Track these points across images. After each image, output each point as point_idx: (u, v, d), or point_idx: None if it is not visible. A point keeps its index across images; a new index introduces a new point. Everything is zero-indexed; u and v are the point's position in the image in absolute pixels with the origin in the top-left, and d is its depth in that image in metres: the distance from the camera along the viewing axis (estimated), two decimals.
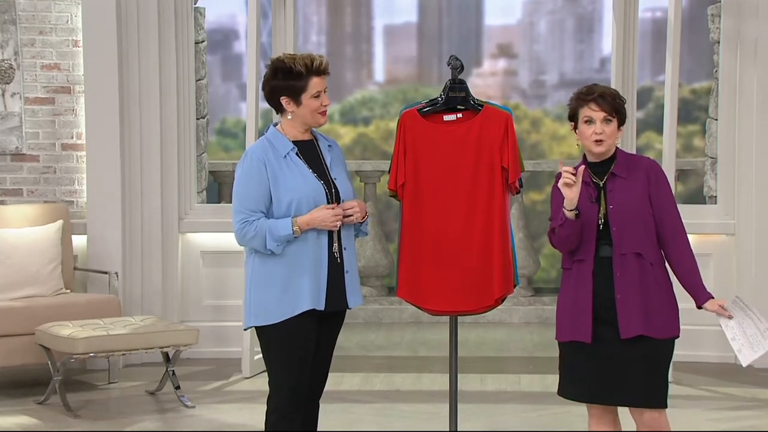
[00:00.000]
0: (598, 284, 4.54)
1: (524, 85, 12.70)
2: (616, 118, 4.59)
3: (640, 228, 4.54)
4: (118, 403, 7.13)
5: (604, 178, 4.60)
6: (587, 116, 4.59)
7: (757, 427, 6.45)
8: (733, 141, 8.03)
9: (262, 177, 4.65)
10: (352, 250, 4.80)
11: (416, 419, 6.65)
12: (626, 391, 4.54)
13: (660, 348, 4.56)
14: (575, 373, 4.60)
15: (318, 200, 4.68)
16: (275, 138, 4.74)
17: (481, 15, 12.65)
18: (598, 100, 4.58)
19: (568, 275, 4.63)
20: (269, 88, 4.72)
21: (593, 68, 12.63)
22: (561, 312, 4.65)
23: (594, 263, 4.54)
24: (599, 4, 12.51)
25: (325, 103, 4.72)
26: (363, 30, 12.77)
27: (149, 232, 8.11)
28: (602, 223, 4.55)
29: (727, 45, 8.01)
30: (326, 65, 4.71)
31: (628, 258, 4.52)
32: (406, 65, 12.84)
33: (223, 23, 12.08)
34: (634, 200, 4.55)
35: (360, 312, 9.63)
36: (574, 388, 4.62)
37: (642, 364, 4.52)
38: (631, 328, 4.50)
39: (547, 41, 12.68)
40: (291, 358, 4.68)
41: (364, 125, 12.67)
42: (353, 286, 4.79)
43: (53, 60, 8.08)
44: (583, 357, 4.56)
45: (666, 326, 4.55)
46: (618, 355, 4.52)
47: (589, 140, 4.59)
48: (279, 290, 4.66)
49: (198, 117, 8.55)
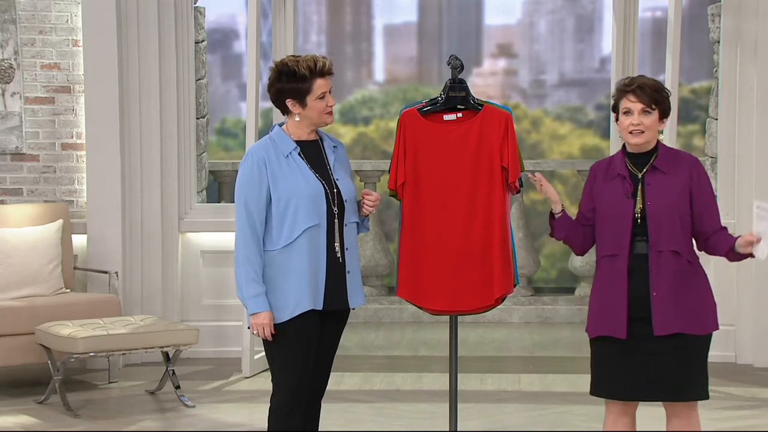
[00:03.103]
0: (632, 280, 4.52)
1: (524, 84, 12.70)
2: (656, 110, 4.56)
3: (678, 225, 4.52)
4: (118, 402, 7.13)
5: (642, 170, 4.58)
6: (626, 107, 4.57)
7: (757, 427, 6.45)
8: (733, 141, 8.03)
9: (262, 176, 4.66)
10: (355, 251, 4.80)
11: (416, 419, 6.65)
12: (666, 385, 4.52)
13: (697, 343, 4.53)
14: (609, 370, 4.56)
15: (317, 200, 4.68)
16: (279, 138, 4.75)
17: (481, 15, 12.65)
18: (636, 91, 4.55)
19: (601, 270, 4.61)
20: (274, 90, 4.74)
21: (593, 68, 12.63)
22: (593, 307, 4.62)
23: (629, 259, 4.52)
24: (599, 4, 12.51)
25: (331, 103, 4.73)
26: (363, 29, 12.77)
27: (149, 232, 8.11)
28: (638, 218, 4.53)
29: (727, 44, 8.01)
30: (330, 66, 4.72)
31: (665, 255, 4.50)
32: (406, 65, 12.84)
33: (223, 23, 12.09)
34: (674, 197, 4.53)
35: (360, 312, 9.63)
36: (608, 386, 4.58)
37: (679, 359, 4.50)
38: (666, 325, 4.47)
39: (547, 41, 12.67)
40: (292, 358, 4.68)
41: (364, 125, 12.67)
42: (355, 286, 4.79)
43: (53, 60, 8.08)
44: (617, 354, 4.53)
45: (702, 323, 4.54)
46: (653, 351, 4.49)
47: (627, 131, 4.57)
48: (278, 291, 4.67)
49: (198, 117, 8.55)
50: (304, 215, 4.65)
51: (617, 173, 4.60)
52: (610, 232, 4.57)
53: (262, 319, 4.64)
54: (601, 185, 4.64)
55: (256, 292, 4.64)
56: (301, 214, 4.65)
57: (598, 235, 4.65)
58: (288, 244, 4.66)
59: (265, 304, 4.64)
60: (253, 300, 4.64)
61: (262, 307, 4.64)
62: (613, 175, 4.62)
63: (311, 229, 4.67)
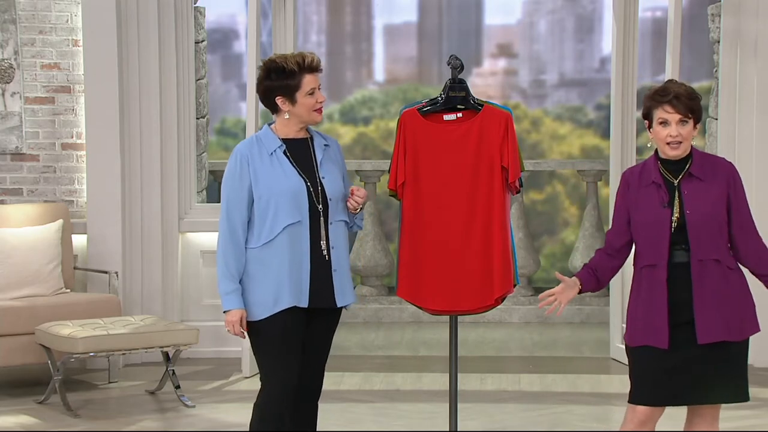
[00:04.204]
0: (672, 289, 4.45)
1: (524, 84, 12.69)
2: (692, 118, 4.46)
3: (717, 233, 4.45)
4: (118, 402, 7.13)
5: (678, 177, 4.50)
6: (662, 118, 4.44)
7: (757, 427, 6.44)
8: (733, 141, 8.02)
9: (244, 174, 4.71)
10: (342, 250, 4.79)
11: (416, 419, 6.65)
12: (708, 388, 4.49)
13: (739, 347, 4.52)
14: (651, 379, 4.50)
15: (299, 197, 4.69)
16: (265, 136, 4.78)
17: (481, 14, 12.65)
18: (673, 101, 4.43)
19: (639, 279, 4.53)
20: (263, 88, 4.76)
21: (593, 68, 12.63)
22: (632, 316, 4.55)
23: (668, 269, 4.44)
24: (599, 4, 12.50)
25: (320, 99, 4.74)
26: (363, 29, 12.76)
27: (149, 232, 8.11)
28: (675, 227, 4.45)
29: (727, 44, 8.01)
30: (318, 62, 4.75)
31: (707, 264, 4.43)
32: (406, 65, 12.83)
33: (223, 23, 12.08)
34: (712, 204, 4.46)
35: (360, 312, 9.63)
36: (648, 394, 4.51)
37: (722, 364, 4.47)
38: (710, 333, 4.43)
39: (547, 41, 12.67)
40: (275, 354, 4.70)
41: (364, 125, 12.67)
42: (343, 284, 4.79)
43: (53, 59, 8.08)
44: (658, 362, 4.47)
45: (744, 327, 4.51)
46: (695, 357, 4.45)
47: (664, 142, 4.45)
48: (259, 288, 4.69)
49: (198, 117, 8.55)
50: (285, 213, 4.67)
51: (651, 181, 4.50)
52: (647, 241, 4.48)
53: (232, 316, 4.68)
54: (634, 194, 4.54)
55: (230, 289, 4.67)
56: (282, 212, 4.66)
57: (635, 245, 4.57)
58: (268, 242, 4.67)
59: (238, 301, 4.67)
60: (225, 297, 4.69)
61: (234, 304, 4.67)
62: (647, 182, 4.51)
63: (292, 226, 4.67)
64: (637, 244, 4.56)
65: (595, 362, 8.11)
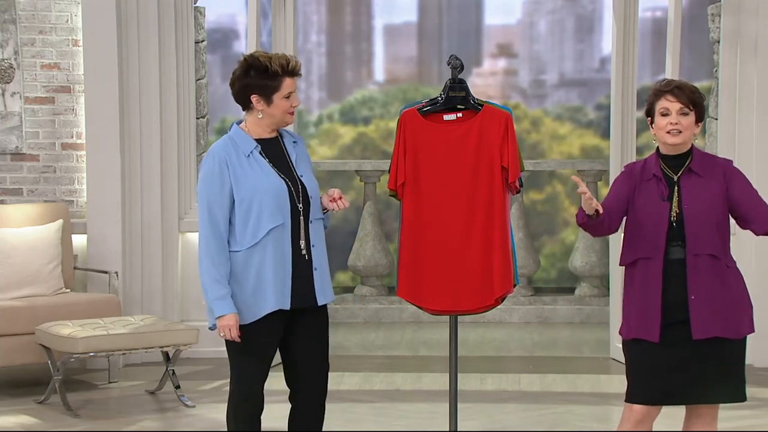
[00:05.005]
0: (667, 284, 4.48)
1: (524, 84, 12.68)
2: (693, 111, 4.51)
3: (714, 229, 4.48)
4: (118, 402, 7.13)
5: (678, 172, 4.54)
6: (663, 107, 4.52)
7: (757, 427, 6.45)
8: (733, 141, 8.03)
9: (224, 179, 4.65)
10: (322, 247, 4.77)
11: (416, 419, 6.65)
12: (704, 388, 4.50)
13: (735, 346, 4.54)
14: (645, 376, 4.52)
15: (281, 198, 4.66)
16: (238, 137, 4.74)
17: (481, 14, 12.64)
18: (674, 91, 4.51)
19: (632, 272, 4.56)
20: (240, 85, 4.71)
21: (593, 68, 12.62)
22: (627, 309, 4.58)
23: (663, 263, 4.47)
24: (599, 4, 12.50)
25: (295, 104, 4.73)
26: (363, 29, 12.76)
27: (149, 232, 8.11)
28: (674, 222, 4.49)
29: (727, 44, 8.01)
30: (299, 67, 4.73)
31: (703, 259, 4.46)
32: (406, 65, 12.82)
33: (223, 23, 12.08)
34: (710, 200, 4.49)
35: (360, 312, 9.63)
36: (644, 392, 4.53)
37: (718, 363, 4.49)
38: (705, 329, 4.45)
39: (547, 41, 12.66)
40: (255, 355, 4.69)
41: (364, 125, 12.66)
42: (322, 283, 4.76)
43: (53, 59, 8.08)
44: (652, 358, 4.49)
45: (740, 326, 4.52)
46: (691, 356, 4.47)
47: (664, 130, 4.51)
48: (245, 293, 4.66)
49: (198, 117, 8.55)
50: (268, 215, 4.63)
51: (652, 174, 4.54)
52: (643, 234, 4.51)
53: (227, 321, 4.61)
54: (636, 186, 4.57)
55: (221, 294, 4.62)
56: (265, 215, 4.63)
57: (630, 237, 4.58)
58: (253, 245, 4.64)
59: (231, 306, 4.62)
60: (218, 302, 4.62)
61: (228, 309, 4.61)
62: (648, 176, 4.56)
63: (276, 229, 4.65)
64: (632, 236, 4.57)
65: (595, 362, 8.11)
